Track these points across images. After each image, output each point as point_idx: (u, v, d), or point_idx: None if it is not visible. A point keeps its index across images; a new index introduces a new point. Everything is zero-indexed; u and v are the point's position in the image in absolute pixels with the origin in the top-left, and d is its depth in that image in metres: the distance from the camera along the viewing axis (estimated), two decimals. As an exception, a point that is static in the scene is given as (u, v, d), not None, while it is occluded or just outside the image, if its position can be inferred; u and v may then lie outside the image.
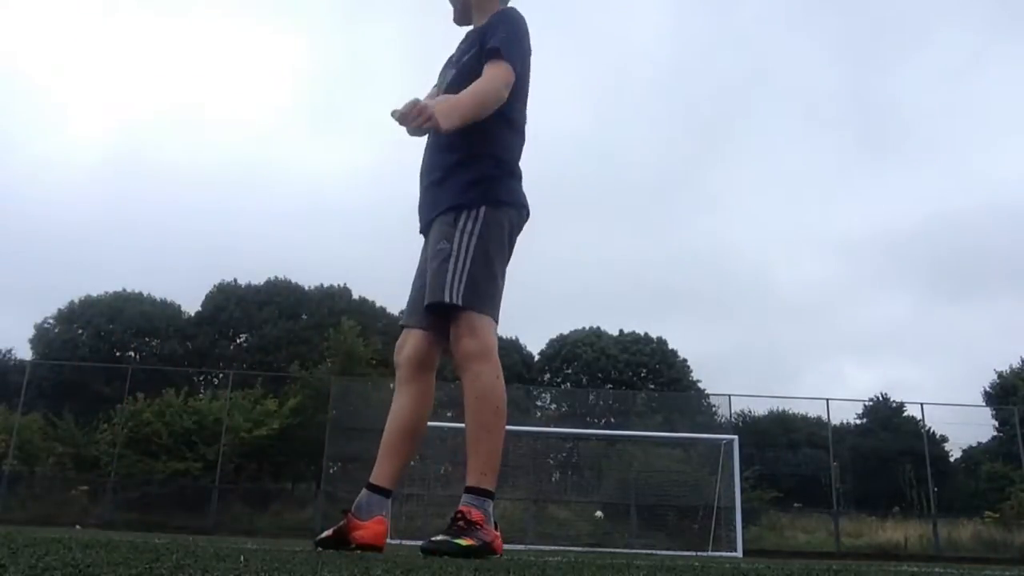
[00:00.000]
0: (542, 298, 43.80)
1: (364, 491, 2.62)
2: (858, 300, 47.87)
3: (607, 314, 44.78)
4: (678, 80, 53.68)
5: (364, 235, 51.92)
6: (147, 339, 29.83)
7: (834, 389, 69.28)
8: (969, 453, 24.94)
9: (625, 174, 52.79)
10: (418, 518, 17.12)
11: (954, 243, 48.38)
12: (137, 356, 29.44)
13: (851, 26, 51.43)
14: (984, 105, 50.03)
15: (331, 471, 19.53)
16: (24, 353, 28.10)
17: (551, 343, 33.11)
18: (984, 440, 24.91)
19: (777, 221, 50.13)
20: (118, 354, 29.18)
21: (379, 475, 2.63)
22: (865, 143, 49.98)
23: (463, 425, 2.55)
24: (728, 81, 52.41)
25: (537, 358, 32.95)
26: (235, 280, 32.71)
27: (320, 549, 2.51)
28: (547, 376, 32.04)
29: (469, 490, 2.47)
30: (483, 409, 2.51)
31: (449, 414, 19.70)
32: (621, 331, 33.04)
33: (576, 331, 33.06)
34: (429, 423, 2.76)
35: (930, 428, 21.69)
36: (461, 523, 2.39)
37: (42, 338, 29.21)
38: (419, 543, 2.46)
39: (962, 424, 21.85)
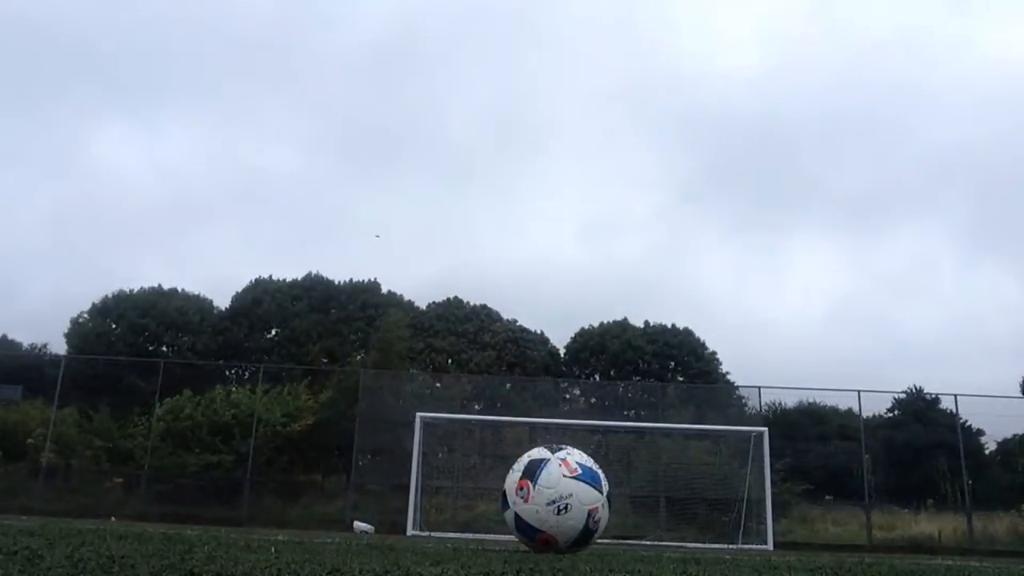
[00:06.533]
0: (566, 293, 44.01)
1: None
2: (886, 301, 47.61)
3: (634, 305, 44.68)
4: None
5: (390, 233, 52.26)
6: (180, 334, 30.19)
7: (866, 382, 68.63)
8: (1005, 446, 24.50)
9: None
10: (446, 510, 17.17)
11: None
12: (170, 351, 29.80)
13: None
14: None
15: (360, 464, 19.66)
16: (59, 347, 28.61)
17: (576, 336, 32.95)
18: (1021, 432, 24.48)
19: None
20: (151, 348, 29.57)
21: None
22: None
23: (489, 417, 2.56)
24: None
25: (563, 352, 32.83)
26: (271, 276, 33.17)
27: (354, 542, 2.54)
28: (575, 369, 31.90)
29: None
30: None
31: (477, 406, 19.71)
32: (647, 322, 32.82)
33: (603, 324, 32.90)
34: (457, 415, 2.77)
35: (965, 420, 21.37)
36: None
37: (76, 332, 29.68)
38: (448, 535, 2.47)
39: (998, 416, 21.50)
